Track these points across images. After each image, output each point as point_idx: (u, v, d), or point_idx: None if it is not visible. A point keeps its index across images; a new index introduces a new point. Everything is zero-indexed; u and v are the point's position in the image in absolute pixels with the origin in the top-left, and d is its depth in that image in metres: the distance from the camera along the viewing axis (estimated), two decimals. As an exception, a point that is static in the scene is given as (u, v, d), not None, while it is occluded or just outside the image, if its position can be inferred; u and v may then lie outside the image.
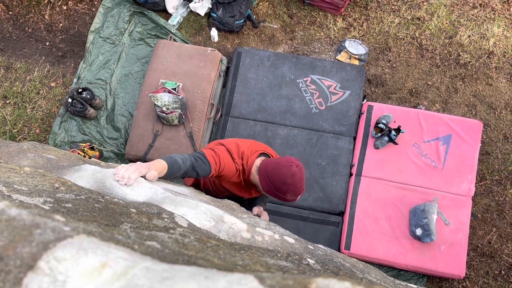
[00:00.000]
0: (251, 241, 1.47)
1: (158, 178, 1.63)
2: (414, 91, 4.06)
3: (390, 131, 3.55)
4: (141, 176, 1.51)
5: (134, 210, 1.05)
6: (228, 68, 4.06)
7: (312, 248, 1.53)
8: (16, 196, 0.87)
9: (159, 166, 1.58)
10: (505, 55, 4.14)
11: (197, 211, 1.55)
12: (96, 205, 0.99)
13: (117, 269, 0.42)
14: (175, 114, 3.55)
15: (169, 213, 1.39)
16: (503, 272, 3.58)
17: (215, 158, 1.87)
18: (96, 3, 4.38)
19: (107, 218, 0.86)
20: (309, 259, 0.99)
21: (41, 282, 0.40)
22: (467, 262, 3.58)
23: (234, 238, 1.46)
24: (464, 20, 4.26)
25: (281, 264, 0.68)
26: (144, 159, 3.61)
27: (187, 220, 1.41)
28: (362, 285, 0.42)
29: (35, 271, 0.40)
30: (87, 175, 1.57)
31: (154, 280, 0.40)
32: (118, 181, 1.44)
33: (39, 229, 0.43)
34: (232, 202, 2.12)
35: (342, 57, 4.14)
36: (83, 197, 1.04)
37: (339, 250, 3.51)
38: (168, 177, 1.69)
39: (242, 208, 2.11)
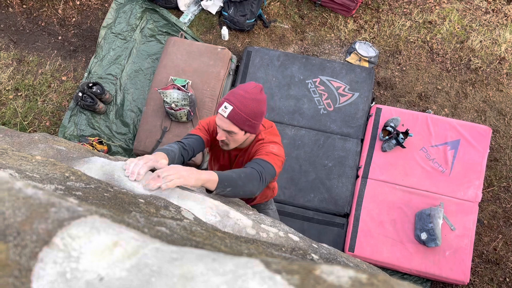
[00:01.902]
0: (256, 237, 1.48)
1: None
2: (423, 95, 4.05)
3: (398, 134, 3.55)
4: (151, 170, 1.54)
5: (142, 201, 1.06)
6: (237, 67, 4.08)
7: (316, 246, 1.54)
8: (28, 183, 0.89)
9: (163, 156, 1.61)
10: (516, 62, 4.11)
11: (203, 205, 1.56)
12: (105, 194, 1.01)
13: (128, 248, 0.43)
14: (184, 111, 3.57)
15: (175, 207, 1.40)
16: (507, 280, 3.55)
17: (199, 126, 1.92)
18: (109, -1, 4.42)
19: (116, 207, 0.88)
20: (313, 255, 1.00)
21: (56, 257, 0.41)
22: (471, 268, 3.56)
23: (239, 234, 1.47)
24: (476, 25, 4.24)
25: (285, 256, 0.69)
26: (151, 155, 3.64)
27: (193, 214, 1.43)
28: (366, 274, 0.43)
29: (50, 247, 0.42)
30: (96, 167, 1.59)
31: (164, 260, 0.42)
32: (128, 176, 1.46)
33: (54, 207, 0.45)
34: (238, 199, 2.14)
35: (352, 59, 4.13)
36: (92, 186, 1.06)
37: (343, 252, 3.51)
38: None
39: (248, 205, 2.12)
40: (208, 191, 1.58)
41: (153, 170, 1.55)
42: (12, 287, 0.39)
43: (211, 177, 1.49)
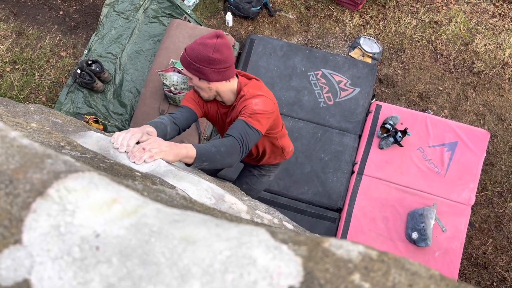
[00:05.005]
0: (251, 222, 1.46)
1: None
2: (424, 95, 4.03)
3: (396, 132, 3.53)
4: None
5: (139, 174, 1.04)
6: (240, 54, 4.03)
7: (309, 235, 1.52)
8: (24, 134, 0.86)
9: (150, 128, 1.62)
10: (519, 68, 4.10)
11: (198, 187, 1.54)
12: (101, 164, 0.98)
13: (127, 206, 0.41)
14: (183, 95, 3.53)
15: (170, 186, 1.38)
16: (494, 284, 3.57)
17: (186, 97, 1.95)
18: (113, -24, 4.34)
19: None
20: (310, 240, 0.99)
21: (50, 209, 0.39)
22: (460, 270, 3.58)
23: (234, 217, 1.45)
24: (482, 28, 4.22)
25: (286, 235, 0.67)
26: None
27: (188, 195, 1.40)
28: (377, 250, 0.41)
29: (44, 198, 0.39)
30: (92, 141, 1.56)
31: (165, 221, 0.39)
32: (118, 148, 1.44)
33: (50, 159, 0.42)
34: (233, 185, 2.12)
35: (355, 53, 4.10)
36: (88, 156, 1.03)
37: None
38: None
39: (242, 191, 2.10)
40: (187, 165, 1.60)
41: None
42: (0, 237, 0.36)
43: (189, 153, 1.51)
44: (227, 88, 1.85)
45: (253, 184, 2.57)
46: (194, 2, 4.23)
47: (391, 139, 3.57)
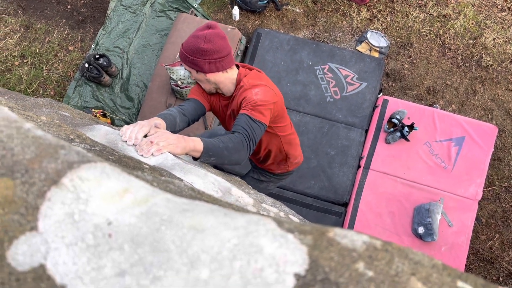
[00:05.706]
0: (257, 215, 1.47)
1: None
2: (431, 89, 4.01)
3: (403, 127, 3.52)
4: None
5: (147, 166, 1.06)
6: (246, 48, 4.03)
7: (316, 229, 1.53)
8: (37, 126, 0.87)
9: (158, 120, 1.63)
10: (528, 62, 4.06)
11: (205, 180, 1.56)
12: (110, 157, 1.00)
13: (138, 196, 0.42)
14: (189, 89, 3.54)
15: (178, 179, 1.39)
16: (501, 279, 3.57)
17: (193, 90, 1.97)
18: (120, -30, 4.35)
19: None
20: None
21: (64, 197, 0.40)
22: (466, 265, 3.58)
23: (240, 210, 1.46)
24: (491, 22, 4.18)
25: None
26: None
27: (195, 187, 1.41)
28: (381, 240, 0.42)
29: (59, 187, 0.41)
30: (100, 135, 1.58)
31: (175, 210, 0.41)
32: (126, 141, 1.46)
33: (64, 150, 0.43)
34: (239, 179, 2.13)
35: (362, 48, 4.08)
36: (97, 149, 1.05)
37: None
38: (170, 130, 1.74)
39: (249, 185, 2.11)
40: (194, 158, 1.61)
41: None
42: (17, 224, 0.38)
43: (196, 147, 1.52)
44: (225, 78, 1.84)
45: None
46: (201, -4, 4.23)
47: (398, 134, 3.56)
